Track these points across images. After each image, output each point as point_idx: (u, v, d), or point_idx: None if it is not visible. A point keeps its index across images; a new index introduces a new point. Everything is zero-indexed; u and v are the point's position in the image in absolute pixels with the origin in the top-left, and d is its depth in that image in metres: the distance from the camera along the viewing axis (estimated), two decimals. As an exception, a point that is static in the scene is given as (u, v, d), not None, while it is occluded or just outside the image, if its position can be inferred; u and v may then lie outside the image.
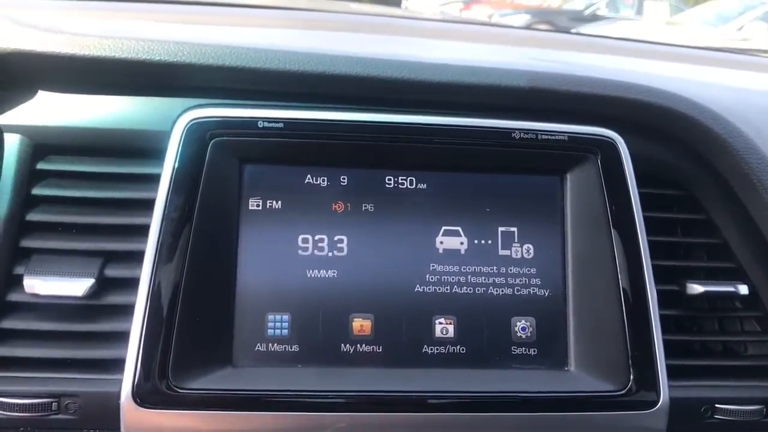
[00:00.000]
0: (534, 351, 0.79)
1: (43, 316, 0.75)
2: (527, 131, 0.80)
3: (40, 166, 0.78)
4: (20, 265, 0.75)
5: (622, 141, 0.82)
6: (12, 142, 0.77)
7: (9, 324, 0.74)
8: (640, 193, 0.81)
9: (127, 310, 0.73)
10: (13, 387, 0.72)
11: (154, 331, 0.72)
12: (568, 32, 1.76)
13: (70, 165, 0.79)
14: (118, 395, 0.71)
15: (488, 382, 0.76)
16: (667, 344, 0.78)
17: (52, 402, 0.72)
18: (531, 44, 1.28)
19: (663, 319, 0.79)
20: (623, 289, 0.78)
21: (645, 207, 0.81)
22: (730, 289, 0.83)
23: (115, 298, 0.75)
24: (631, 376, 0.77)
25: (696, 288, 0.82)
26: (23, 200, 0.77)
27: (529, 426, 0.76)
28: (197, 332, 0.73)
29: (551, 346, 0.79)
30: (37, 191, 0.78)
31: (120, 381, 0.71)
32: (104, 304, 0.75)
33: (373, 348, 0.77)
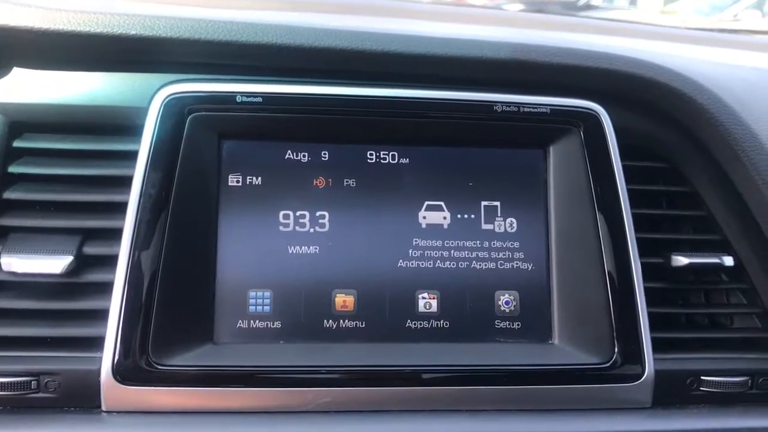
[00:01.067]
0: (518, 324, 0.78)
1: (22, 294, 0.74)
2: (509, 104, 0.80)
3: (17, 143, 0.77)
4: None
5: (605, 113, 0.81)
6: None
7: None
8: (623, 166, 0.81)
9: (106, 287, 0.72)
10: None
11: (134, 308, 0.71)
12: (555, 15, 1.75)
13: (47, 142, 0.78)
14: (98, 373, 0.71)
15: (472, 356, 0.76)
16: (652, 317, 0.78)
17: (31, 380, 0.71)
18: (520, 24, 1.27)
19: (648, 291, 0.79)
20: (607, 262, 0.78)
21: (629, 180, 0.81)
22: (716, 260, 0.83)
23: (94, 276, 0.75)
24: (616, 349, 0.76)
25: (681, 260, 0.81)
26: (0, 178, 0.76)
27: (513, 399, 0.75)
28: (177, 309, 0.73)
29: (535, 320, 0.78)
30: (13, 169, 0.77)
31: (100, 359, 0.71)
32: (83, 282, 0.75)
33: (356, 323, 0.76)
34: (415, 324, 0.77)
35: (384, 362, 0.75)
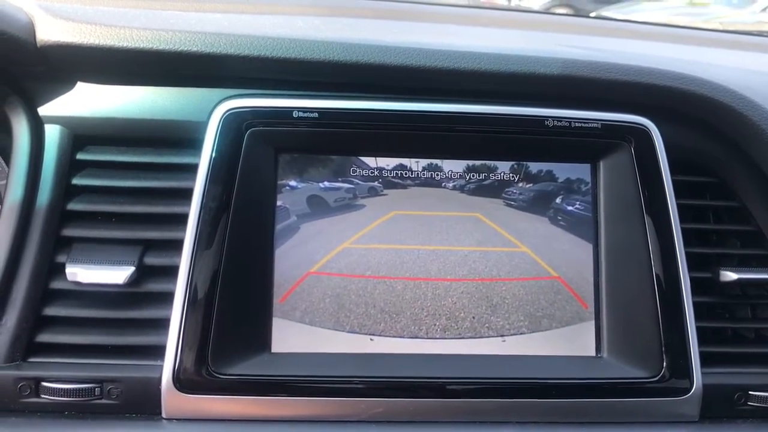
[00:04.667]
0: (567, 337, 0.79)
1: (85, 303, 0.76)
2: (560, 119, 0.80)
3: (80, 156, 0.80)
4: (62, 254, 0.77)
5: (655, 128, 0.82)
6: (52, 133, 0.78)
7: (52, 311, 0.76)
8: (672, 180, 0.81)
9: (167, 297, 0.75)
10: (57, 372, 0.74)
11: (194, 318, 0.73)
12: (591, 17, 1.74)
13: (109, 155, 0.80)
14: (159, 381, 0.73)
15: (522, 368, 0.77)
16: (699, 331, 0.79)
17: (95, 387, 0.74)
18: (558, 29, 1.27)
19: (695, 306, 0.79)
20: (656, 277, 0.79)
21: (678, 194, 0.81)
22: (764, 276, 0.83)
23: (154, 286, 0.77)
24: (664, 363, 0.77)
25: (730, 275, 0.82)
26: (64, 190, 0.78)
27: (561, 412, 0.77)
28: (236, 319, 0.75)
29: (584, 333, 0.79)
30: (77, 181, 0.79)
31: (161, 367, 0.73)
32: (144, 292, 0.77)
33: None
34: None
35: (437, 374, 0.76)
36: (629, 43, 1.16)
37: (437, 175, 0.81)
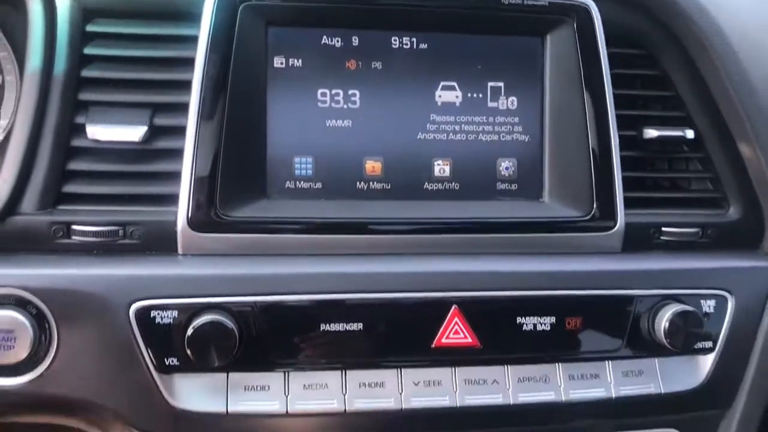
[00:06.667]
0: (515, 186, 0.94)
1: (105, 159, 0.87)
2: None
3: (89, 28, 0.88)
4: (81, 116, 0.87)
5: (595, 7, 0.94)
6: (63, 6, 0.87)
7: (76, 165, 0.87)
8: (606, 52, 0.95)
9: (178, 153, 0.86)
10: (84, 217, 0.85)
11: (203, 170, 0.85)
12: None
13: (116, 27, 0.89)
14: (174, 223, 0.85)
15: (478, 211, 0.93)
16: (624, 180, 0.94)
17: (118, 229, 0.86)
18: None
19: (622, 159, 0.94)
20: (591, 134, 0.93)
21: (611, 64, 0.95)
22: (679, 133, 0.99)
23: (165, 143, 0.88)
24: (595, 205, 0.93)
25: (651, 133, 0.97)
26: (77, 59, 0.87)
27: (511, 245, 0.92)
28: (238, 171, 0.87)
29: (529, 182, 0.95)
30: (88, 51, 0.88)
31: (175, 212, 0.85)
32: (156, 149, 0.88)
33: (383, 185, 0.92)
34: (431, 186, 0.93)
35: (406, 216, 0.91)
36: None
37: (405, 46, 0.92)
